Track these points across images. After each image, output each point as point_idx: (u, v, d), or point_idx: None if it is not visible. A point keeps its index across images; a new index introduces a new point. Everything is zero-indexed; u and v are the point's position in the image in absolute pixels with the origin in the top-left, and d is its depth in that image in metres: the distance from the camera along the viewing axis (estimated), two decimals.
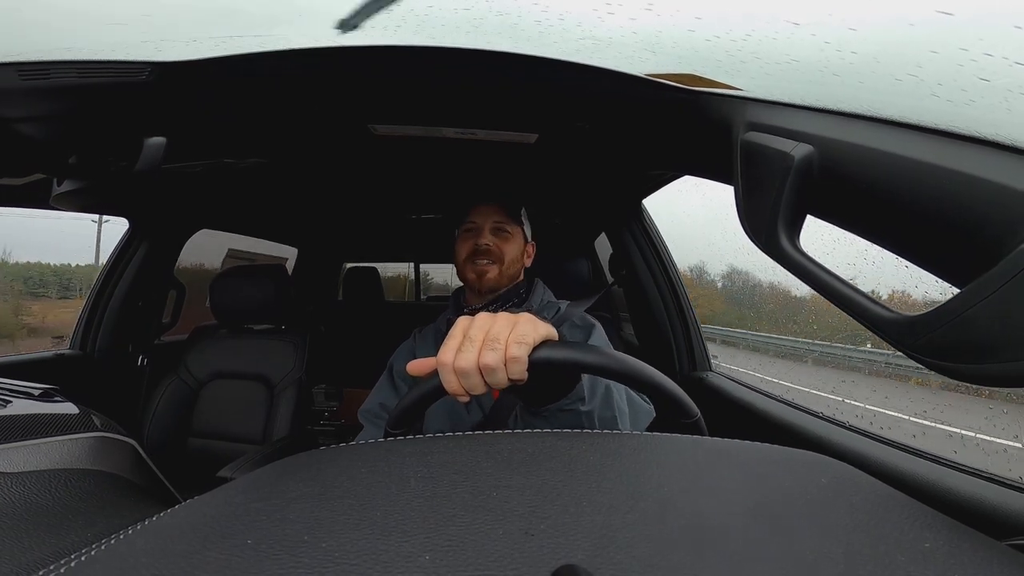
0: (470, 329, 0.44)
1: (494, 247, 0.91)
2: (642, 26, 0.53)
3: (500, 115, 0.88)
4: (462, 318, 0.46)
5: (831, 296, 0.40)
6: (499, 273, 0.91)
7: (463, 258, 0.92)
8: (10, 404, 0.55)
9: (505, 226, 0.93)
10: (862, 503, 0.27)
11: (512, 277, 0.94)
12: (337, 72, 0.66)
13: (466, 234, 0.94)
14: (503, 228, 0.93)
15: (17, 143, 0.53)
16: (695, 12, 0.49)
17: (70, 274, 2.71)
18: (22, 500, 0.40)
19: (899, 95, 0.41)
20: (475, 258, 0.90)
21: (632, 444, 0.34)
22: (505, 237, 0.93)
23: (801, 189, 0.42)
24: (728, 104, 0.52)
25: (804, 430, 0.89)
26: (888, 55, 0.43)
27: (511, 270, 0.93)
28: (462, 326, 0.45)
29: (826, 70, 0.46)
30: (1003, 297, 0.28)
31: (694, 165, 0.87)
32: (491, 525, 0.23)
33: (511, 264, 0.92)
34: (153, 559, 0.21)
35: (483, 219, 0.93)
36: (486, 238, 0.91)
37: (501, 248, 0.91)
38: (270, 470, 0.31)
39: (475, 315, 0.46)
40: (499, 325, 0.44)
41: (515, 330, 0.44)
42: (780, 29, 0.48)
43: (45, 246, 2.40)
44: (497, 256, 0.91)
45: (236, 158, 1.16)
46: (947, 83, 0.38)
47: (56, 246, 2.51)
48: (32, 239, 2.36)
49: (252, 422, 1.50)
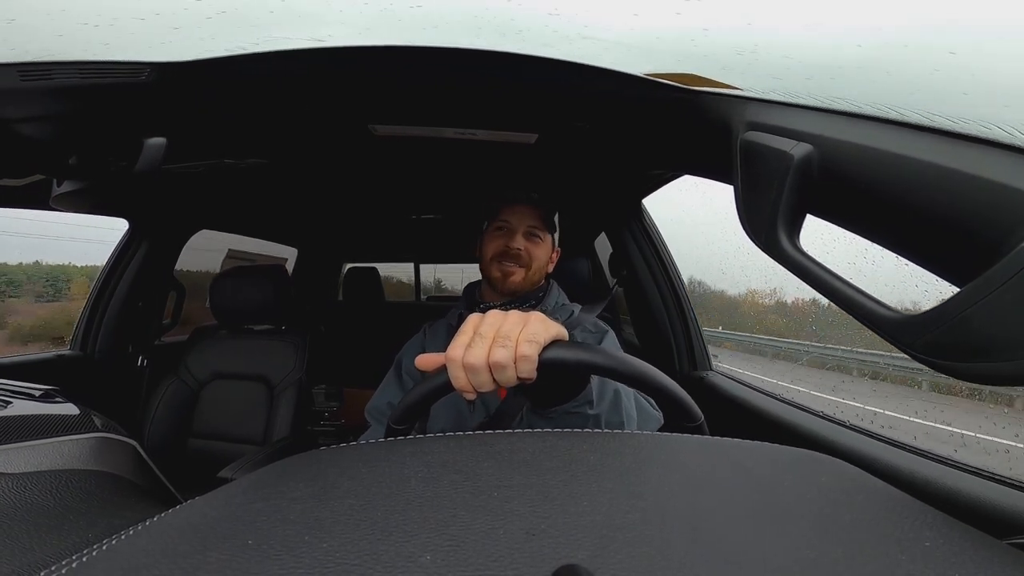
0: (481, 326, 0.44)
1: (525, 252, 0.89)
2: (642, 26, 0.53)
3: (500, 115, 0.88)
4: (473, 315, 0.46)
5: (831, 296, 0.40)
6: (524, 278, 0.89)
7: (490, 255, 0.90)
8: (11, 405, 0.55)
9: (538, 231, 0.91)
10: (862, 502, 0.27)
11: (536, 283, 0.93)
12: (337, 72, 0.66)
13: (497, 232, 0.91)
14: (536, 232, 0.91)
15: (17, 143, 0.53)
16: (695, 12, 0.49)
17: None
18: (23, 500, 0.40)
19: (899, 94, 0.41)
20: (503, 259, 0.88)
21: (632, 444, 0.34)
22: (536, 242, 0.91)
23: (801, 189, 0.42)
24: (728, 104, 0.52)
25: (804, 429, 0.89)
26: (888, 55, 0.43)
27: (536, 276, 0.91)
28: (473, 323, 0.45)
29: (826, 70, 0.46)
30: (1003, 296, 0.28)
31: (694, 165, 0.87)
32: (492, 525, 0.23)
33: (537, 270, 0.91)
34: (154, 559, 0.21)
35: (518, 220, 0.90)
36: (519, 242, 0.89)
37: (532, 254, 0.89)
38: (271, 470, 0.31)
39: (486, 312, 0.46)
40: (510, 323, 0.44)
41: (526, 328, 0.44)
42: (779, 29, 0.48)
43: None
44: (526, 262, 0.89)
45: (236, 158, 1.16)
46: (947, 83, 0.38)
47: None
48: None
49: (252, 423, 1.50)
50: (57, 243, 2.31)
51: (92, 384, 1.59)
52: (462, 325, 0.45)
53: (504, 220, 0.91)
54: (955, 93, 0.39)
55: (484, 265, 0.92)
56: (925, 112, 0.36)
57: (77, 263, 1.69)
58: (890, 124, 0.37)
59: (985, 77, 0.38)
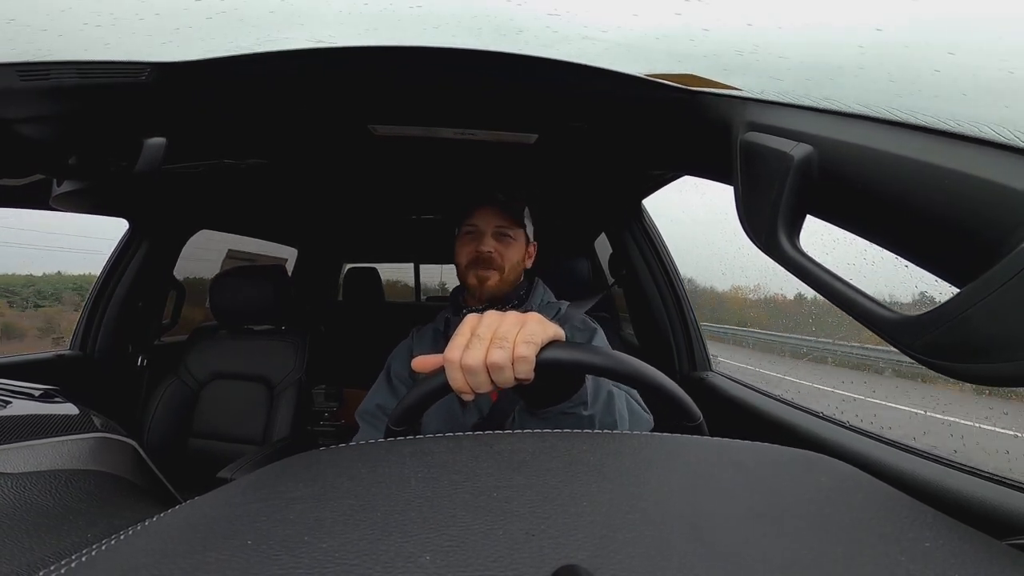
0: (478, 327, 0.44)
1: (495, 255, 0.90)
2: (642, 26, 0.53)
3: (500, 115, 0.88)
4: (471, 316, 0.46)
5: (831, 296, 0.40)
6: (500, 280, 0.90)
7: (464, 263, 0.91)
8: (10, 405, 0.55)
9: (507, 230, 0.92)
10: (862, 503, 0.27)
11: (513, 282, 0.93)
12: (337, 72, 0.66)
13: (467, 237, 0.92)
14: (505, 232, 0.92)
15: (17, 143, 0.53)
16: (695, 12, 0.49)
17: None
18: (22, 500, 0.40)
19: (899, 95, 0.41)
20: (476, 266, 0.89)
21: (632, 444, 0.34)
22: (507, 242, 0.92)
23: (801, 189, 0.42)
24: (727, 104, 0.52)
25: (804, 430, 0.89)
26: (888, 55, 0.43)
27: (512, 275, 0.92)
28: (470, 324, 0.45)
29: (826, 70, 0.47)
30: (1003, 297, 0.28)
31: (694, 165, 0.87)
32: (492, 525, 0.23)
33: (512, 270, 0.92)
34: (153, 559, 0.21)
35: (485, 223, 0.91)
36: (488, 244, 0.90)
37: (503, 255, 0.90)
38: (270, 471, 0.31)
39: (484, 313, 0.46)
40: (508, 324, 0.44)
41: (523, 329, 0.44)
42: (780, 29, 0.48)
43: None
44: (498, 264, 0.89)
45: (236, 158, 1.16)
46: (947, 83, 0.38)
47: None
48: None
49: (252, 423, 1.50)
50: (74, 254, 2.31)
51: (92, 384, 1.58)
52: (459, 327, 0.45)
53: (472, 224, 0.92)
54: (955, 93, 0.39)
55: (460, 273, 0.94)
56: (925, 112, 0.36)
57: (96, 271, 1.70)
58: (890, 125, 0.37)
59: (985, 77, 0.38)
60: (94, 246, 1.78)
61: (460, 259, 0.92)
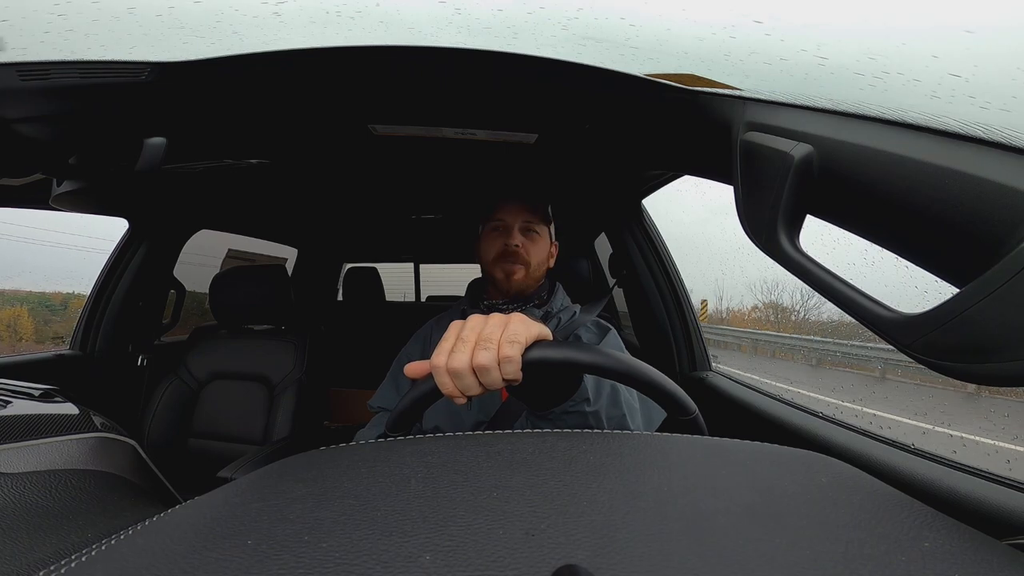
0: (462, 331, 0.45)
1: (523, 249, 0.90)
2: (642, 26, 0.53)
3: (500, 115, 0.88)
4: (455, 322, 0.47)
5: (831, 296, 0.40)
6: (526, 275, 0.90)
7: (491, 257, 0.91)
8: (10, 404, 0.55)
9: (534, 226, 0.92)
10: (862, 502, 0.27)
11: (538, 279, 0.94)
12: (337, 72, 0.66)
13: (493, 232, 0.92)
14: (532, 228, 0.92)
15: (17, 143, 0.53)
16: (695, 12, 0.49)
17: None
18: (22, 500, 0.40)
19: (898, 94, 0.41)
20: (504, 260, 0.89)
21: (632, 444, 0.34)
22: (534, 238, 0.92)
23: (801, 189, 0.42)
24: (727, 104, 0.52)
25: (804, 430, 0.89)
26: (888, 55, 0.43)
27: (538, 272, 0.92)
28: (455, 328, 0.45)
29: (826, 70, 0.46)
30: (1003, 296, 0.28)
31: (694, 165, 0.87)
32: (492, 525, 0.23)
33: (538, 266, 0.92)
34: (153, 559, 0.21)
35: (512, 218, 0.91)
36: (516, 239, 0.90)
37: (529, 250, 0.91)
38: (270, 470, 0.31)
39: (467, 317, 0.46)
40: (491, 325, 0.44)
41: (507, 329, 0.44)
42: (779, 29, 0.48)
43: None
44: (525, 259, 0.90)
45: (236, 158, 1.16)
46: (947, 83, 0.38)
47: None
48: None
49: (252, 422, 1.50)
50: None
51: (92, 384, 1.58)
52: (445, 332, 0.46)
53: (499, 219, 0.92)
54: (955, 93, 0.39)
55: (486, 267, 0.93)
56: (925, 112, 0.36)
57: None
58: (890, 124, 0.37)
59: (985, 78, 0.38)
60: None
61: (486, 254, 0.92)
